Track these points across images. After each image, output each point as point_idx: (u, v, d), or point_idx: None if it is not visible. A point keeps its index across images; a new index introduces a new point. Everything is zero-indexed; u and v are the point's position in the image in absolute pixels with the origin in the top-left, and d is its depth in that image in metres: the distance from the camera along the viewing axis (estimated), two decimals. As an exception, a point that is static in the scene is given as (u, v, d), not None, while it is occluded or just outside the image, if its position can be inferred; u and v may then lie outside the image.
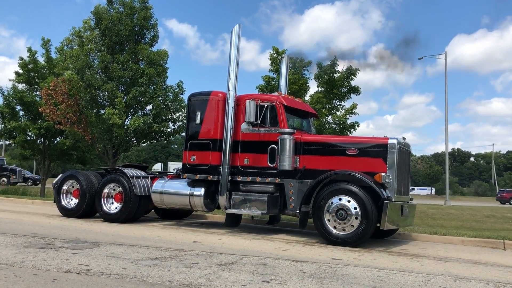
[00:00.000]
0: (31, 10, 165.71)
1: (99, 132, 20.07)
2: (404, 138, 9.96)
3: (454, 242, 10.44)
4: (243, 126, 10.27)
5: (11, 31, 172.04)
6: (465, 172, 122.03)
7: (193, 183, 10.92)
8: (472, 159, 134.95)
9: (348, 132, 22.00)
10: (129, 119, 20.26)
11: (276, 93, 11.37)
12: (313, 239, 9.86)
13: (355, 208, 8.86)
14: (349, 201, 8.95)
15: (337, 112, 22.75)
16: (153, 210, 13.15)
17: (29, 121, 24.89)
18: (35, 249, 6.62)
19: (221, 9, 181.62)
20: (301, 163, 9.93)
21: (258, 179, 10.23)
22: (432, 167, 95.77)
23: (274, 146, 10.09)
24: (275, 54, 23.30)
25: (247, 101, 10.21)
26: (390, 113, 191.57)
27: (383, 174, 9.08)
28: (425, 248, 9.29)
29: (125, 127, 19.98)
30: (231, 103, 10.53)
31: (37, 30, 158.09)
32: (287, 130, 10.02)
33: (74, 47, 20.65)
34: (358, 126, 22.27)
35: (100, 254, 6.50)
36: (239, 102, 10.64)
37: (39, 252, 6.38)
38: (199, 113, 10.98)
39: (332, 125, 22.36)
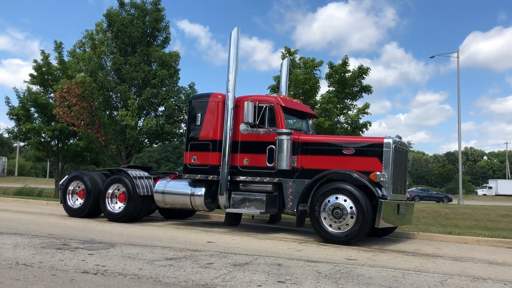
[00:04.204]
0: (44, 12, 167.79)
1: (112, 133, 20.25)
2: (400, 138, 10.07)
3: (469, 242, 10.36)
4: (242, 127, 10.34)
5: (24, 34, 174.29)
6: (479, 171, 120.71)
7: (194, 183, 11.09)
8: (485, 157, 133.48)
9: (360, 132, 21.92)
10: (142, 121, 20.42)
11: (275, 94, 11.43)
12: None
13: (350, 207, 8.94)
14: (345, 200, 9.03)
15: (349, 112, 22.67)
16: (157, 210, 13.36)
17: (43, 123, 25.19)
18: (52, 250, 6.70)
19: (233, 8, 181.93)
20: (299, 163, 10.07)
21: (257, 178, 10.37)
22: (444, 166, 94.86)
23: (273, 146, 10.22)
24: (287, 54, 23.31)
25: (245, 102, 10.33)
26: (403, 112, 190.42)
27: (378, 173, 9.15)
28: (440, 248, 9.23)
29: (138, 128, 20.14)
30: (230, 104, 10.70)
31: (50, 32, 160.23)
32: (284, 130, 10.15)
33: (87, 50, 20.86)
34: (370, 125, 22.22)
35: (116, 254, 6.55)
36: (238, 104, 10.78)
37: (56, 253, 6.46)
38: (200, 114, 11.16)
39: (344, 124, 22.28)
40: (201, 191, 10.89)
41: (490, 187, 73.56)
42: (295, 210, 9.85)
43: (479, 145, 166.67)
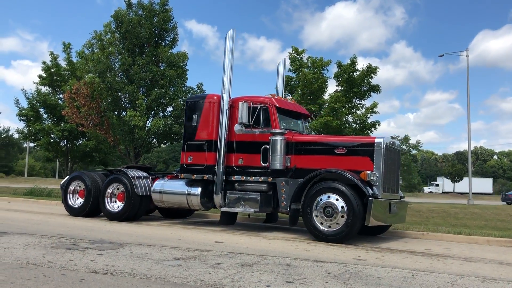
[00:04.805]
0: (53, 13, 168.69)
1: (121, 133, 20.35)
2: (392, 138, 10.25)
3: (479, 242, 10.28)
4: (236, 127, 10.53)
5: (34, 35, 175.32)
6: (489, 170, 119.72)
7: (190, 183, 11.28)
8: (495, 157, 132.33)
9: (369, 131, 21.81)
10: (150, 121, 20.50)
11: (269, 95, 11.55)
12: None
13: (341, 206, 9.08)
14: (336, 199, 9.18)
15: (357, 111, 22.57)
16: (157, 210, 13.61)
17: (52, 124, 25.39)
18: (61, 250, 6.75)
19: (241, 8, 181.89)
20: (292, 163, 10.22)
21: (252, 178, 10.54)
22: (454, 165, 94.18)
23: (267, 146, 10.38)
24: (295, 54, 23.28)
25: (240, 103, 10.50)
26: (412, 111, 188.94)
27: (368, 172, 9.26)
28: (450, 248, 9.17)
29: (146, 128, 20.22)
30: (225, 105, 10.89)
31: (59, 33, 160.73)
32: (278, 130, 10.31)
33: (96, 51, 21.00)
34: (379, 125, 22.10)
35: (125, 254, 6.58)
36: (234, 104, 10.96)
37: (65, 253, 6.50)
38: (196, 115, 11.37)
39: (353, 124, 22.18)
40: (198, 190, 11.07)
41: (437, 185, 73.94)
42: (288, 209, 9.99)
43: (489, 144, 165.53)
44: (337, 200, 9.14)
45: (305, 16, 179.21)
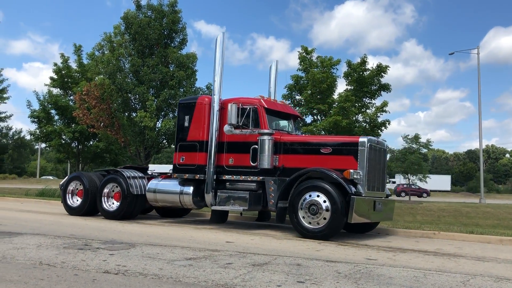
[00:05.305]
0: (63, 16, 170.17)
1: (131, 134, 20.47)
2: (377, 137, 10.25)
3: (492, 241, 10.18)
4: (226, 128, 10.80)
5: (45, 37, 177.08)
6: (501, 169, 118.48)
7: (183, 182, 11.53)
8: (507, 155, 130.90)
9: (379, 130, 21.70)
10: (160, 122, 20.59)
11: (258, 96, 11.63)
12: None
13: (325, 204, 9.31)
14: (320, 197, 9.39)
15: (367, 110, 22.48)
16: (155, 210, 13.84)
17: (63, 125, 25.62)
18: (74, 250, 6.80)
19: (250, 8, 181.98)
20: (280, 162, 10.47)
21: (242, 177, 10.80)
22: (465, 164, 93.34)
23: (256, 146, 10.57)
24: (304, 53, 23.25)
25: (229, 104, 10.71)
26: (423, 110, 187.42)
27: (351, 170, 9.51)
28: (462, 248, 9.09)
29: (156, 129, 20.31)
30: (216, 106, 11.14)
31: (70, 35, 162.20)
32: (266, 131, 10.52)
33: (106, 52, 21.14)
34: (389, 124, 22.03)
35: (136, 254, 6.62)
36: (224, 106, 11.18)
37: (78, 253, 6.56)
38: (188, 116, 11.66)
39: (363, 123, 22.09)
40: (190, 189, 11.33)
41: (394, 182, 73.37)
42: (276, 207, 10.17)
43: (501, 143, 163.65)
44: (321, 198, 9.36)
45: (314, 15, 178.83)
